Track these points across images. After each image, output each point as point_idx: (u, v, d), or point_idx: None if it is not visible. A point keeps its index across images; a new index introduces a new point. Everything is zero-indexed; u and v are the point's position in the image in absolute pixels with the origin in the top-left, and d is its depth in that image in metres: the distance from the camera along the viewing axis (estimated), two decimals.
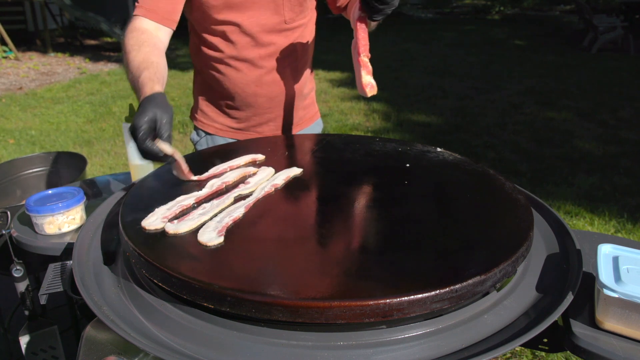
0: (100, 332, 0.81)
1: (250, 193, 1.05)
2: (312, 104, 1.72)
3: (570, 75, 7.07)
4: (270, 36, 1.45)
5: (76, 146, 4.57)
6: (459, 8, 17.01)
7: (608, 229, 3.03)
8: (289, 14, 1.44)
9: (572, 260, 0.93)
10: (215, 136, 1.61)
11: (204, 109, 1.60)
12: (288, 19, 1.44)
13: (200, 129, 1.62)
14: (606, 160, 4.08)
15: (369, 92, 1.27)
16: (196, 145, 1.65)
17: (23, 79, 7.34)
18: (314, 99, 1.75)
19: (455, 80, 6.99)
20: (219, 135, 1.60)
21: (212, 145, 1.60)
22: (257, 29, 1.42)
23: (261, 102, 1.53)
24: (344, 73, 7.20)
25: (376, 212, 0.99)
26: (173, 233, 0.88)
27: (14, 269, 1.20)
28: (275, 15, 1.42)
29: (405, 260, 0.81)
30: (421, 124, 5.13)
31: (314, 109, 1.74)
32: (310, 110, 1.72)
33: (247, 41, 1.43)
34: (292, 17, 1.45)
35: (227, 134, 1.60)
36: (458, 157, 1.27)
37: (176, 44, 10.43)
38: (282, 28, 1.45)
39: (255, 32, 1.42)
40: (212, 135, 1.61)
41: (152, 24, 1.31)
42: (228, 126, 1.59)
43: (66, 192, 1.27)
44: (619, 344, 0.76)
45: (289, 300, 0.70)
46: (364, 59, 1.28)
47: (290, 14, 1.44)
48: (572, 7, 14.44)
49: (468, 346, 0.73)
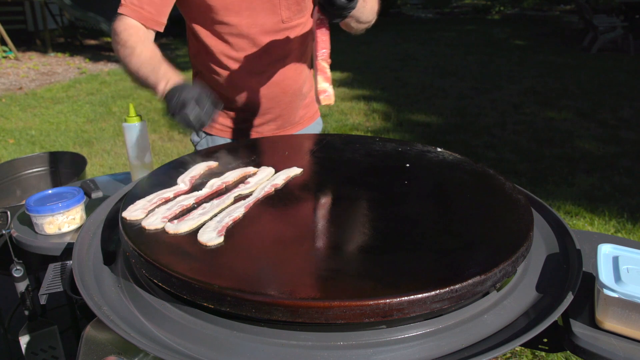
0: (100, 332, 0.81)
1: (250, 193, 1.05)
2: (312, 103, 1.72)
3: (570, 75, 7.07)
4: (268, 36, 1.44)
5: (76, 146, 4.57)
6: (459, 8, 17.02)
7: (608, 229, 3.03)
8: (286, 12, 1.43)
9: (572, 260, 0.93)
10: (216, 137, 1.61)
11: None
12: (285, 18, 1.44)
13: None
14: (606, 160, 4.08)
15: (322, 100, 1.18)
16: (196, 146, 1.65)
17: (23, 79, 7.34)
18: (314, 99, 1.74)
19: (455, 80, 6.99)
20: (220, 136, 1.60)
21: (212, 145, 1.60)
22: (255, 29, 1.42)
23: (261, 103, 1.53)
24: (344, 73, 7.20)
25: (376, 212, 0.99)
26: (173, 233, 0.88)
27: (14, 269, 1.20)
28: (272, 15, 1.42)
29: (405, 260, 0.81)
30: (421, 124, 5.13)
31: (314, 108, 1.74)
32: (311, 110, 1.72)
33: (246, 42, 1.43)
34: (290, 16, 1.44)
35: (227, 134, 1.60)
36: (458, 157, 1.27)
37: (176, 44, 10.44)
38: (279, 28, 1.45)
39: (253, 33, 1.42)
40: (212, 135, 1.61)
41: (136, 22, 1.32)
42: (228, 127, 1.58)
43: (66, 192, 1.27)
44: (619, 344, 0.76)
45: (289, 300, 0.70)
46: (323, 64, 1.20)
47: (287, 12, 1.43)
48: (572, 7, 14.45)
49: (468, 346, 0.73)
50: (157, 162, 3.88)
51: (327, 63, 1.21)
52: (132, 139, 1.43)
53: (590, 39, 8.94)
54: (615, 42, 8.84)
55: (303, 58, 1.57)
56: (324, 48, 1.22)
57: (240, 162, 1.22)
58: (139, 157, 1.45)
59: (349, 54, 8.58)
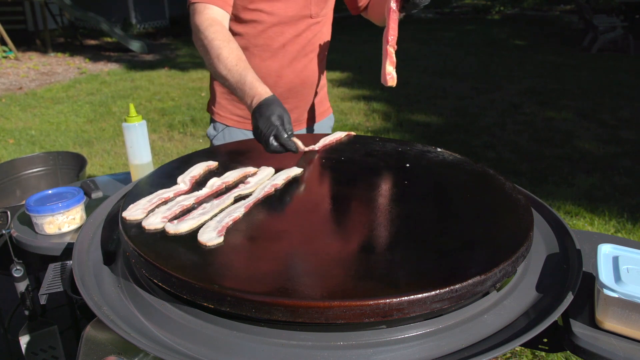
0: (100, 332, 0.81)
1: (250, 193, 1.05)
2: (325, 99, 1.78)
3: (570, 75, 7.06)
4: (296, 27, 1.49)
5: (76, 146, 4.57)
6: (459, 8, 17.00)
7: (608, 229, 3.03)
8: (315, 8, 1.50)
9: (572, 260, 0.93)
10: (233, 129, 1.63)
11: (222, 102, 1.62)
12: (314, 13, 1.51)
13: (217, 121, 1.64)
14: (606, 160, 4.07)
15: (388, 81, 1.33)
16: (213, 140, 1.67)
17: (23, 79, 7.34)
18: (327, 95, 1.81)
19: (455, 80, 6.99)
20: (237, 127, 1.62)
21: (229, 140, 1.61)
22: (286, 19, 1.47)
23: (280, 92, 1.56)
24: (344, 73, 7.20)
25: (376, 212, 0.99)
26: (173, 233, 0.88)
27: (14, 269, 1.20)
28: (303, 8, 1.48)
29: (405, 260, 0.81)
30: (421, 124, 5.13)
31: (327, 104, 1.80)
32: (324, 105, 1.77)
33: (274, 31, 1.48)
34: (317, 11, 1.51)
35: (245, 125, 1.62)
36: (458, 157, 1.27)
37: (176, 43, 10.44)
38: (307, 22, 1.51)
39: (283, 22, 1.47)
40: (229, 128, 1.63)
41: (220, 12, 1.35)
42: (245, 118, 1.61)
43: (66, 192, 1.27)
44: (619, 344, 0.76)
45: (289, 300, 0.70)
46: (390, 49, 1.33)
47: (316, 8, 1.50)
48: (572, 7, 14.44)
49: (468, 346, 0.73)
50: (157, 162, 3.88)
51: (393, 49, 1.34)
52: (132, 139, 1.43)
53: (590, 39, 8.93)
54: (615, 42, 8.83)
55: (322, 53, 1.62)
56: (392, 35, 1.33)
57: (240, 162, 1.22)
58: (139, 157, 1.45)
59: (349, 54, 8.58)
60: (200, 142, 4.62)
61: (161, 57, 9.07)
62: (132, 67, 8.05)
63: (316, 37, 1.56)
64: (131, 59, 8.81)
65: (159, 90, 6.58)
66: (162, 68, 7.94)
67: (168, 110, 5.60)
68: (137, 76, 7.41)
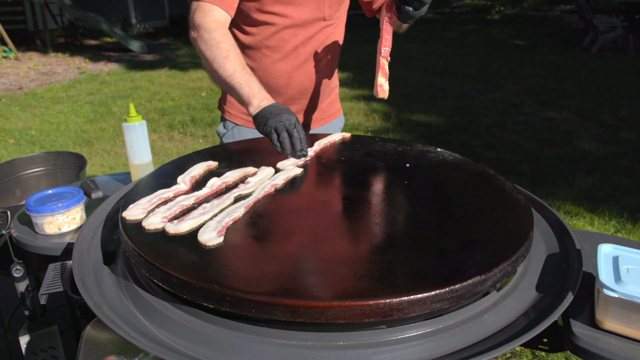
0: (100, 332, 0.81)
1: (250, 193, 1.05)
2: (336, 100, 1.78)
3: (570, 75, 7.06)
4: (309, 30, 1.50)
5: (76, 146, 4.57)
6: (459, 8, 17.01)
7: (608, 229, 3.03)
8: (328, 11, 1.50)
9: (572, 260, 0.93)
10: (243, 128, 1.63)
11: (232, 101, 1.62)
12: (327, 15, 1.51)
13: (227, 120, 1.65)
14: (606, 160, 4.07)
15: (379, 93, 1.33)
16: (223, 138, 1.67)
17: (23, 79, 7.34)
18: (338, 96, 1.81)
19: (455, 80, 6.98)
20: (246, 127, 1.62)
21: (238, 138, 1.62)
22: (299, 22, 1.47)
23: (291, 94, 1.57)
24: (344, 73, 7.20)
25: (376, 212, 0.99)
26: (173, 233, 0.88)
27: (14, 269, 1.20)
28: (316, 11, 1.48)
29: (405, 260, 0.81)
30: (421, 124, 5.13)
31: (337, 106, 1.80)
32: (334, 106, 1.77)
33: (287, 33, 1.48)
34: (330, 14, 1.52)
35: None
36: (458, 157, 1.27)
37: (176, 43, 10.45)
38: (320, 24, 1.51)
39: (296, 25, 1.47)
40: (239, 127, 1.63)
41: (224, 16, 1.35)
42: None
43: (66, 192, 1.26)
44: (619, 344, 0.76)
45: (289, 300, 0.70)
46: (383, 61, 1.32)
47: (329, 11, 1.51)
48: (572, 7, 14.44)
49: (468, 346, 0.73)
50: (157, 162, 3.87)
51: (386, 60, 1.33)
52: (132, 139, 1.43)
53: (590, 39, 8.93)
54: (615, 42, 8.83)
55: (335, 55, 1.63)
56: (386, 46, 1.33)
57: (240, 162, 1.22)
58: (139, 157, 1.45)
59: (349, 54, 8.57)
60: (200, 142, 4.62)
61: (161, 57, 9.08)
62: (132, 67, 8.05)
63: (329, 40, 1.57)
64: (131, 59, 8.81)
65: (159, 90, 6.58)
66: (162, 68, 7.95)
67: (168, 110, 5.60)
68: (137, 76, 7.41)
